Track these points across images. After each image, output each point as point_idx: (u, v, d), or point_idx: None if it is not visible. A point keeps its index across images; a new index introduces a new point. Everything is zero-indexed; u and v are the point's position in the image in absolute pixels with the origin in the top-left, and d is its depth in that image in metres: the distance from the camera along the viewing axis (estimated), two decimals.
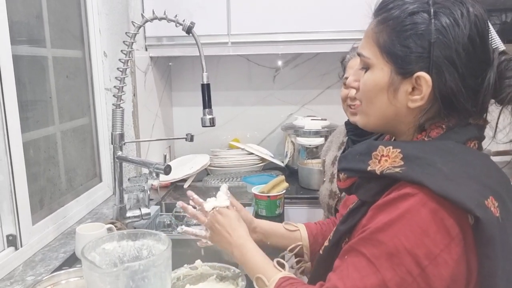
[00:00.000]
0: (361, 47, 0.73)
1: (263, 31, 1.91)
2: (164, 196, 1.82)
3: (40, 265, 1.20)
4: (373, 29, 0.71)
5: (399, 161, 0.66)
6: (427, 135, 0.70)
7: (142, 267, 0.69)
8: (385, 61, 0.69)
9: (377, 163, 0.68)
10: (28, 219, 1.25)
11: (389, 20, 0.68)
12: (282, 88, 2.34)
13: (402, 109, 0.70)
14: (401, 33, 0.67)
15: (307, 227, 1.03)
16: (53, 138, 1.44)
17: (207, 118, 1.35)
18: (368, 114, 0.74)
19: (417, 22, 0.66)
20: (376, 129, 0.76)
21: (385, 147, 0.68)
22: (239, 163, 2.10)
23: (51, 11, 1.43)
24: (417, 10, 0.66)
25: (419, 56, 0.66)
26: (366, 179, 0.72)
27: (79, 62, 1.63)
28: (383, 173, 0.66)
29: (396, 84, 0.68)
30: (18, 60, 1.23)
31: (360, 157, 0.72)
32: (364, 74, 0.72)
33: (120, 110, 1.34)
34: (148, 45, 1.96)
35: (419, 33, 0.65)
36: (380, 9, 0.71)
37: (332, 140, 1.53)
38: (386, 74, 0.69)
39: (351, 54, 1.36)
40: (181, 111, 2.39)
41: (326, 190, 1.42)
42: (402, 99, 0.69)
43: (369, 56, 0.71)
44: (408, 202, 0.62)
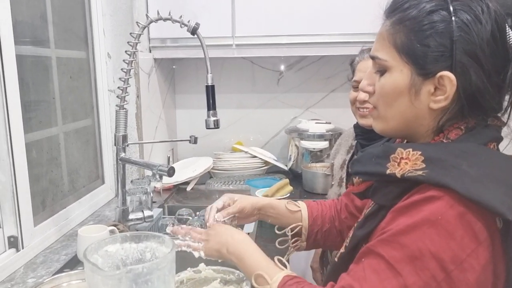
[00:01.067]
0: (375, 50, 0.71)
1: (267, 33, 1.90)
2: (167, 199, 1.81)
3: (41, 267, 1.18)
4: (388, 31, 0.68)
5: (420, 163, 0.64)
6: (446, 136, 0.68)
7: (146, 270, 0.68)
8: (404, 62, 0.66)
9: (396, 166, 0.66)
10: (30, 220, 1.24)
11: (406, 20, 0.66)
12: (286, 91, 2.33)
13: (423, 110, 0.68)
14: (420, 33, 0.65)
15: (308, 207, 1.04)
16: (56, 139, 1.43)
17: (211, 120, 1.34)
18: (386, 119, 0.71)
19: (437, 20, 0.64)
20: (395, 134, 0.74)
21: (404, 150, 0.66)
22: (243, 166, 2.08)
23: (55, 12, 1.42)
24: (435, 9, 0.64)
25: (441, 55, 0.64)
26: (384, 183, 0.70)
27: (83, 63, 1.62)
28: (404, 176, 0.64)
29: (418, 85, 0.66)
30: (21, 60, 1.22)
31: (376, 160, 0.70)
32: (381, 78, 0.70)
33: (124, 111, 1.33)
34: (152, 47, 1.95)
35: (440, 32, 0.63)
36: (395, 9, 0.68)
37: (341, 143, 1.52)
38: (406, 76, 0.67)
39: (360, 56, 1.35)
40: (184, 114, 2.38)
41: (334, 194, 1.40)
42: (424, 101, 0.67)
43: (386, 58, 0.68)
44: (433, 205, 0.60)
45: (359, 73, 1.32)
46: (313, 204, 1.06)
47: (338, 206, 1.05)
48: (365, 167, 0.72)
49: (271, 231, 1.48)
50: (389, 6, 0.70)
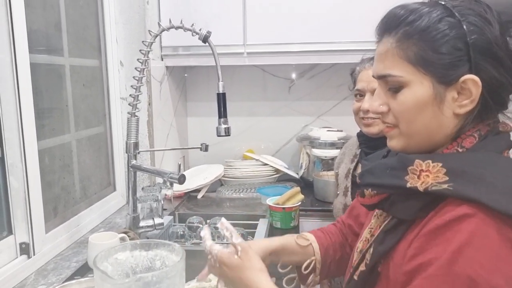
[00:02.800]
0: (385, 68, 0.68)
1: (279, 41, 1.90)
2: (177, 206, 1.80)
3: (52, 274, 1.18)
4: (396, 47, 0.67)
5: (442, 176, 0.62)
6: (460, 145, 0.67)
7: (155, 279, 0.67)
8: (422, 74, 0.65)
9: (416, 179, 0.64)
10: (42, 227, 1.25)
11: (416, 34, 0.65)
12: (298, 99, 2.32)
13: (448, 118, 0.66)
14: (433, 42, 0.64)
15: (317, 239, 0.98)
16: (69, 146, 1.44)
17: (223, 128, 1.33)
18: (409, 136, 0.69)
19: (448, 27, 0.64)
20: (418, 149, 0.70)
21: (423, 161, 0.64)
22: (254, 174, 2.08)
23: (69, 21, 1.44)
24: (442, 17, 0.65)
25: (459, 59, 0.63)
26: (403, 196, 0.67)
27: (96, 71, 1.64)
28: (428, 190, 0.62)
29: (442, 93, 0.65)
30: (35, 68, 1.24)
31: (392, 172, 0.68)
32: (397, 95, 0.68)
33: (135, 118, 1.34)
34: (164, 55, 1.97)
35: (454, 37, 0.63)
36: (397, 25, 0.67)
37: (345, 153, 1.50)
38: (427, 87, 0.65)
39: (361, 66, 1.34)
40: (195, 122, 2.38)
41: (340, 203, 1.39)
42: (449, 108, 0.66)
43: (401, 74, 0.66)
44: (469, 224, 0.58)
45: (360, 83, 1.31)
46: (320, 235, 1.00)
47: (344, 229, 1.01)
48: (380, 179, 0.70)
49: None
50: (387, 22, 0.69)
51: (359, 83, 1.31)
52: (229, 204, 1.86)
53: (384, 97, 0.70)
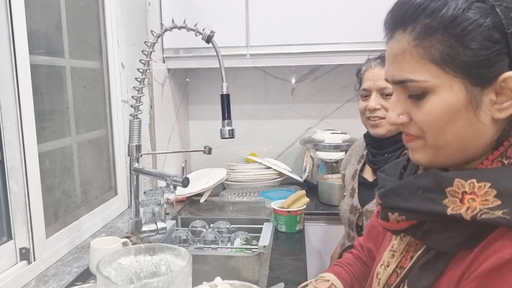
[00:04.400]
0: (404, 72, 0.58)
1: (282, 42, 1.88)
2: (180, 211, 1.77)
3: (53, 280, 1.15)
4: (415, 46, 0.56)
5: (493, 199, 0.52)
6: (505, 155, 0.56)
7: (161, 284, 0.64)
8: (451, 76, 0.55)
9: (459, 204, 0.54)
10: (42, 232, 1.22)
11: (440, 28, 0.54)
12: (301, 101, 2.30)
13: (487, 125, 0.56)
14: (463, 36, 0.53)
15: (338, 276, 0.89)
16: (69, 150, 1.41)
17: (227, 130, 1.31)
18: (437, 148, 0.58)
19: (480, 16, 0.53)
20: (448, 162, 0.60)
21: (465, 181, 0.54)
22: (257, 178, 2.05)
23: (70, 22, 1.42)
24: (470, 3, 0.54)
25: (497, 54, 0.53)
26: (442, 224, 0.57)
27: (97, 73, 1.61)
28: (476, 219, 0.52)
29: (477, 97, 0.55)
30: (36, 69, 1.21)
31: (425, 194, 0.58)
32: (422, 102, 0.57)
33: (137, 121, 1.31)
34: (166, 57, 1.94)
35: (488, 28, 0.53)
36: (415, 17, 0.56)
37: (352, 154, 1.48)
38: (459, 91, 0.55)
39: (367, 65, 1.32)
40: (197, 125, 2.36)
41: (346, 205, 1.36)
42: (487, 113, 0.55)
43: (425, 78, 0.56)
44: None
45: (367, 82, 1.29)
46: (340, 270, 0.91)
47: (362, 256, 0.93)
48: (410, 202, 0.60)
49: (287, 243, 1.44)
50: (400, 14, 0.58)
51: (365, 82, 1.29)
52: (232, 208, 1.83)
53: (403, 106, 0.60)
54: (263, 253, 1.32)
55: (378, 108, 1.25)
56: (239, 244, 1.45)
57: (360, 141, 1.45)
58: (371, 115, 1.27)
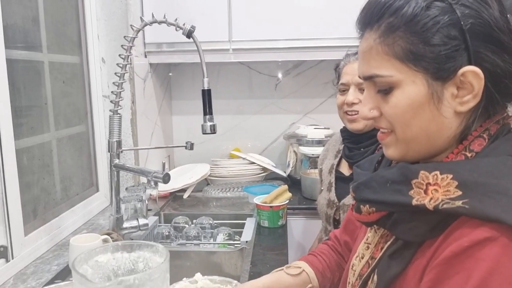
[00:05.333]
0: (371, 68, 0.60)
1: (265, 37, 1.88)
2: (163, 207, 1.76)
3: (31, 278, 1.14)
4: (380, 43, 0.59)
5: (454, 190, 0.53)
6: (468, 148, 0.58)
7: (138, 281, 0.64)
8: (414, 71, 0.57)
9: (423, 195, 0.56)
10: (20, 229, 1.20)
11: (401, 26, 0.57)
12: (284, 96, 2.30)
13: (449, 118, 0.58)
14: (423, 33, 0.56)
15: (310, 264, 0.89)
16: (48, 146, 1.39)
17: (208, 125, 1.30)
18: (406, 142, 0.61)
19: (438, 13, 0.55)
20: (418, 156, 0.62)
21: (429, 173, 0.56)
22: (240, 173, 2.05)
23: (48, 15, 1.39)
24: (429, 2, 0.56)
25: (455, 50, 0.55)
26: (408, 214, 0.59)
27: (77, 68, 1.59)
28: (438, 208, 0.54)
29: (439, 91, 0.57)
30: (12, 64, 1.19)
31: (394, 186, 0.59)
32: (388, 97, 0.60)
33: (118, 116, 1.30)
34: (148, 52, 1.92)
35: (447, 25, 0.55)
36: (378, 17, 0.59)
37: (328, 149, 1.49)
38: (421, 86, 0.57)
39: (345, 60, 1.34)
40: (181, 120, 2.34)
41: (323, 199, 1.37)
42: (449, 106, 0.57)
43: (390, 74, 0.58)
44: (492, 250, 0.50)
45: (345, 76, 1.30)
46: (312, 259, 0.91)
47: (338, 247, 0.93)
48: (379, 194, 0.61)
49: (270, 238, 1.45)
50: (366, 16, 0.61)
51: (344, 76, 1.30)
52: (215, 204, 1.83)
53: (374, 101, 0.62)
54: (245, 248, 1.32)
55: (356, 103, 1.26)
56: (221, 239, 1.45)
57: (337, 136, 1.47)
58: (349, 109, 1.28)
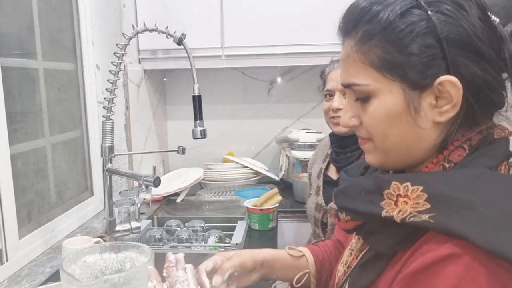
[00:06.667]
0: (349, 76, 0.59)
1: (257, 43, 1.91)
2: (156, 210, 1.79)
3: (25, 280, 1.16)
4: (356, 51, 0.57)
5: (423, 203, 0.52)
6: (447, 159, 0.56)
7: (122, 280, 0.67)
8: (390, 80, 0.55)
9: (393, 206, 0.54)
10: (15, 233, 1.23)
11: (376, 33, 0.55)
12: (277, 101, 2.34)
13: (428, 128, 0.56)
14: (398, 41, 0.54)
15: (312, 252, 0.90)
16: (43, 151, 1.42)
17: (198, 130, 1.34)
18: (385, 151, 0.59)
19: (414, 21, 0.53)
20: (398, 164, 0.61)
21: (401, 184, 0.55)
22: (233, 177, 2.08)
23: (43, 24, 1.42)
24: (405, 9, 0.54)
25: (432, 59, 0.53)
26: (380, 225, 0.58)
27: (71, 75, 1.62)
28: (405, 221, 0.53)
29: (415, 101, 0.55)
30: (7, 71, 1.22)
31: (367, 196, 0.58)
32: (365, 105, 0.58)
33: (110, 122, 1.33)
34: (142, 58, 1.96)
35: (422, 33, 0.53)
36: (354, 25, 0.58)
37: (317, 153, 1.53)
38: (398, 95, 0.55)
39: (330, 66, 1.38)
40: (175, 125, 2.38)
41: (312, 203, 1.40)
42: (426, 116, 0.56)
43: (366, 82, 0.57)
44: (456, 267, 0.48)
45: (330, 82, 1.34)
46: (315, 248, 0.92)
47: (337, 245, 0.93)
48: (352, 203, 0.61)
49: (260, 241, 1.48)
50: (345, 23, 0.60)
51: (329, 83, 1.34)
52: (208, 207, 1.86)
53: (353, 109, 0.61)
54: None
55: (341, 108, 1.29)
56: (212, 242, 1.48)
57: (326, 141, 1.50)
58: (335, 114, 1.32)
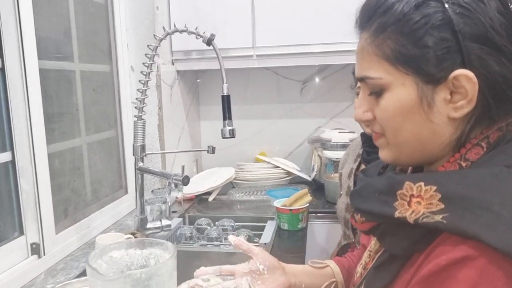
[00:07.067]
0: (363, 69, 0.59)
1: (288, 43, 1.90)
2: (188, 209, 1.82)
3: (61, 274, 1.21)
4: (370, 44, 0.57)
5: (437, 203, 0.51)
6: (464, 157, 0.55)
7: (144, 276, 0.68)
8: (403, 73, 0.54)
9: (406, 207, 0.53)
10: (52, 228, 1.28)
11: (390, 25, 0.54)
12: (310, 100, 2.31)
13: (442, 124, 0.55)
14: (413, 34, 0.53)
15: (337, 262, 0.90)
16: (79, 150, 1.48)
17: (227, 130, 1.36)
18: (398, 146, 0.58)
19: (429, 13, 0.52)
20: (411, 161, 0.61)
21: (414, 184, 0.53)
22: (265, 177, 2.08)
23: (80, 28, 1.48)
24: (421, 1, 0.53)
25: (446, 52, 0.52)
26: (394, 226, 0.57)
27: (107, 76, 1.67)
28: (418, 222, 0.51)
29: (429, 95, 0.54)
30: (45, 74, 1.27)
31: (380, 197, 0.57)
32: (379, 99, 0.58)
33: (142, 122, 1.36)
34: (175, 59, 1.99)
35: (437, 25, 0.52)
36: (369, 18, 0.57)
37: (349, 153, 1.49)
38: (411, 89, 0.54)
39: None
40: (208, 125, 2.40)
41: (342, 203, 1.38)
42: (441, 112, 0.54)
43: (379, 76, 0.56)
44: (471, 271, 0.47)
45: None
46: (339, 258, 0.92)
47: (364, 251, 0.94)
48: (367, 204, 0.60)
49: (289, 241, 1.47)
50: (361, 15, 0.59)
51: None
52: (239, 207, 1.87)
53: (367, 103, 0.60)
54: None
55: None
56: None
57: (358, 140, 1.47)
58: None
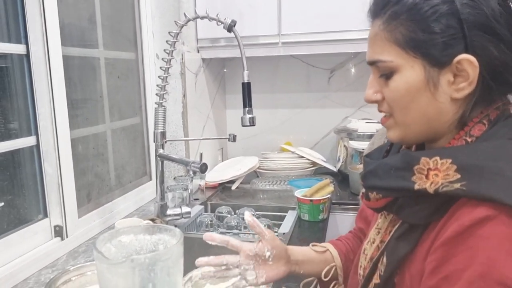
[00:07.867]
0: (375, 53, 0.65)
1: (314, 30, 1.85)
2: (210, 197, 1.82)
3: (82, 256, 1.24)
4: (383, 30, 0.63)
5: (453, 174, 0.57)
6: (468, 134, 0.62)
7: (148, 261, 0.68)
8: (412, 57, 0.61)
9: (425, 180, 0.59)
10: (75, 211, 1.31)
11: (403, 13, 0.60)
12: (337, 90, 2.26)
13: (446, 103, 0.61)
14: (422, 21, 0.59)
15: (336, 246, 0.95)
16: (103, 136, 1.50)
17: (247, 118, 1.34)
18: (406, 124, 0.65)
19: (437, 3, 0.58)
20: (417, 139, 0.67)
21: (430, 159, 0.59)
22: (289, 167, 2.05)
23: (104, 15, 1.49)
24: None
25: (452, 38, 0.58)
26: (412, 199, 0.63)
27: (131, 63, 1.69)
28: (438, 192, 0.57)
29: (435, 77, 0.60)
30: (69, 60, 1.30)
31: (397, 173, 0.63)
32: (389, 81, 0.64)
33: (162, 108, 1.37)
34: (200, 47, 1.99)
35: (445, 14, 0.58)
36: (383, 6, 0.63)
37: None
38: (419, 71, 0.61)
39: None
40: (234, 114, 2.39)
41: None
42: (445, 92, 0.61)
43: (390, 59, 0.62)
44: (493, 227, 0.52)
45: None
46: (337, 242, 0.97)
47: (358, 234, 0.98)
48: (383, 181, 0.65)
49: (308, 232, 1.44)
50: (375, 5, 0.65)
51: None
52: (262, 196, 1.86)
53: (377, 85, 0.66)
54: (282, 240, 1.33)
55: None
56: None
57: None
58: None
